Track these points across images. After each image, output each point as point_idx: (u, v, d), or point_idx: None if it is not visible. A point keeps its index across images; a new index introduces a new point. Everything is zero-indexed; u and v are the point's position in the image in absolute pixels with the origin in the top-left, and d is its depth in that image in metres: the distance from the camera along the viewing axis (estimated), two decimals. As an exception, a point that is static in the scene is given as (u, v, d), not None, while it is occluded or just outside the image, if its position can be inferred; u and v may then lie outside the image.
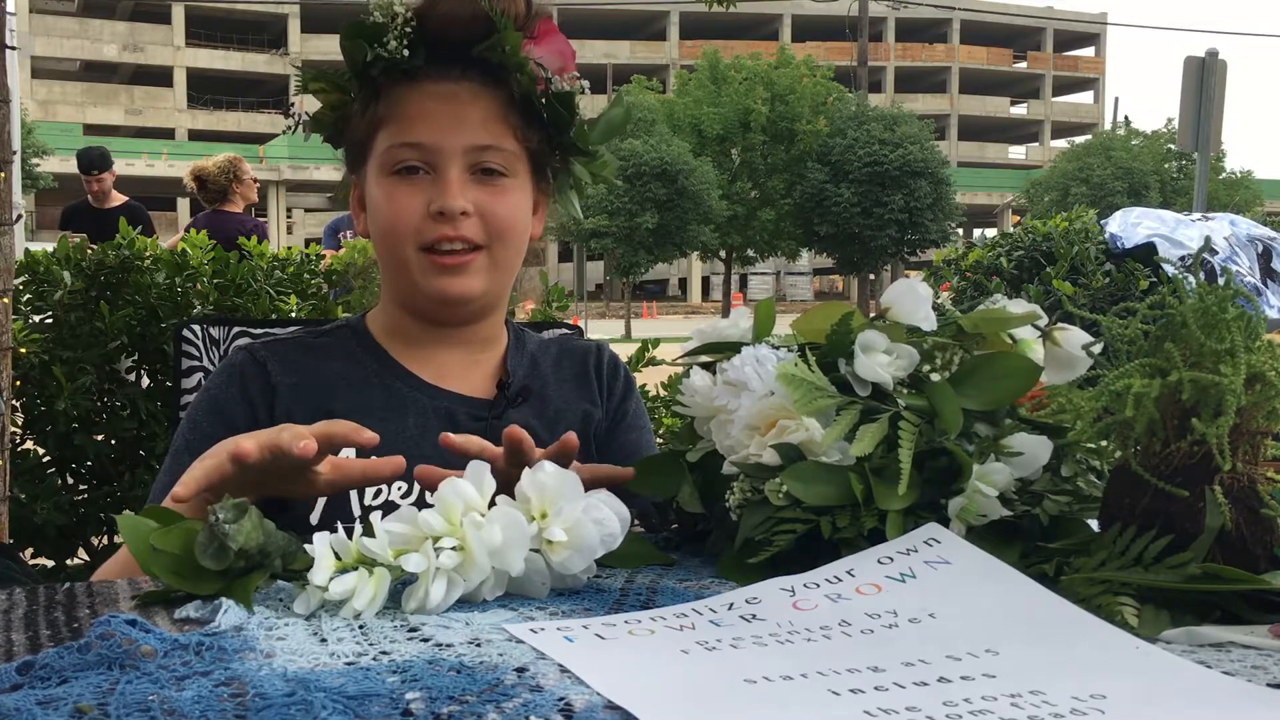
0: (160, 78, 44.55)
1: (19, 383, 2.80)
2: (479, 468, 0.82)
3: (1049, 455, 0.88)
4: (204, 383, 1.27)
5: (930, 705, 0.59)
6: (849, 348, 0.92)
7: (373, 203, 1.19)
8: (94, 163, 6.30)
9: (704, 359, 1.04)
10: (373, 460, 0.98)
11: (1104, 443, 0.86)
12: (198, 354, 1.49)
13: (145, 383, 2.98)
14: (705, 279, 45.24)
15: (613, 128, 1.25)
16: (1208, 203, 8.48)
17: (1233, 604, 0.75)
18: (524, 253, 1.24)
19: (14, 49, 3.04)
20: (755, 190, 30.65)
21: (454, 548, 0.77)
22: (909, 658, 0.66)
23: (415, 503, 1.15)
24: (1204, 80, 8.14)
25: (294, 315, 2.94)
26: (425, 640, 0.71)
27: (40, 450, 2.93)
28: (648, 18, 48.16)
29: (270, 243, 3.50)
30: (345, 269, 3.38)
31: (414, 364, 1.23)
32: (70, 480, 2.92)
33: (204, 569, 0.78)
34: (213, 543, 0.79)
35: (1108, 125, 44.34)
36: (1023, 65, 53.93)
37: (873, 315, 1.01)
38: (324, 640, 0.70)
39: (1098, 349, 0.93)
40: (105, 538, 2.91)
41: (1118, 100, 43.45)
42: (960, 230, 33.21)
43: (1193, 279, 0.80)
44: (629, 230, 27.43)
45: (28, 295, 2.90)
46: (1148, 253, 4.92)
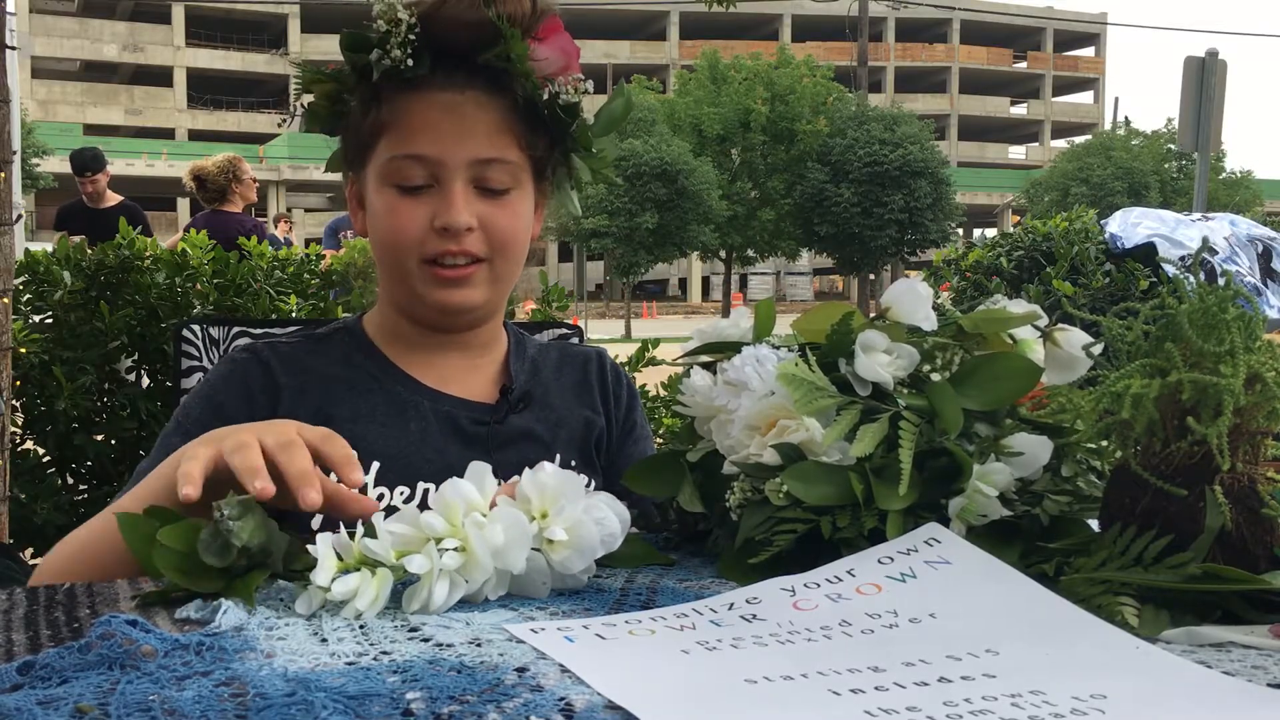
0: (160, 78, 44.55)
1: (19, 383, 2.80)
2: (480, 468, 0.82)
3: (1049, 455, 0.88)
4: (205, 376, 1.26)
5: (930, 705, 0.59)
6: (849, 348, 0.92)
7: (373, 211, 1.18)
8: (87, 164, 6.26)
9: (704, 359, 1.04)
10: (347, 494, 0.90)
11: (1104, 443, 0.86)
12: (198, 354, 1.49)
13: (145, 383, 2.98)
14: (705, 279, 45.24)
15: (614, 120, 1.23)
16: (1208, 203, 8.48)
17: (1233, 604, 0.75)
18: (524, 261, 1.23)
19: (14, 49, 3.04)
20: (755, 190, 30.64)
21: (456, 548, 0.78)
22: (909, 658, 0.66)
23: (418, 507, 1.15)
24: (1204, 80, 8.14)
25: (294, 315, 2.94)
26: (426, 640, 0.71)
27: (40, 450, 2.93)
28: (648, 18, 48.14)
29: (269, 243, 3.50)
30: (345, 269, 3.38)
31: (414, 368, 1.22)
32: (70, 480, 2.92)
33: (206, 566, 0.78)
34: (216, 539, 0.79)
35: (1108, 125, 44.35)
36: (1023, 65, 53.92)
37: (873, 315, 1.01)
38: (324, 640, 0.70)
39: (1098, 349, 0.93)
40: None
41: (1118, 100, 43.48)
42: (960, 230, 33.20)
43: (1193, 279, 0.80)
44: (629, 230, 27.42)
45: (28, 295, 2.90)
46: (1148, 253, 4.92)
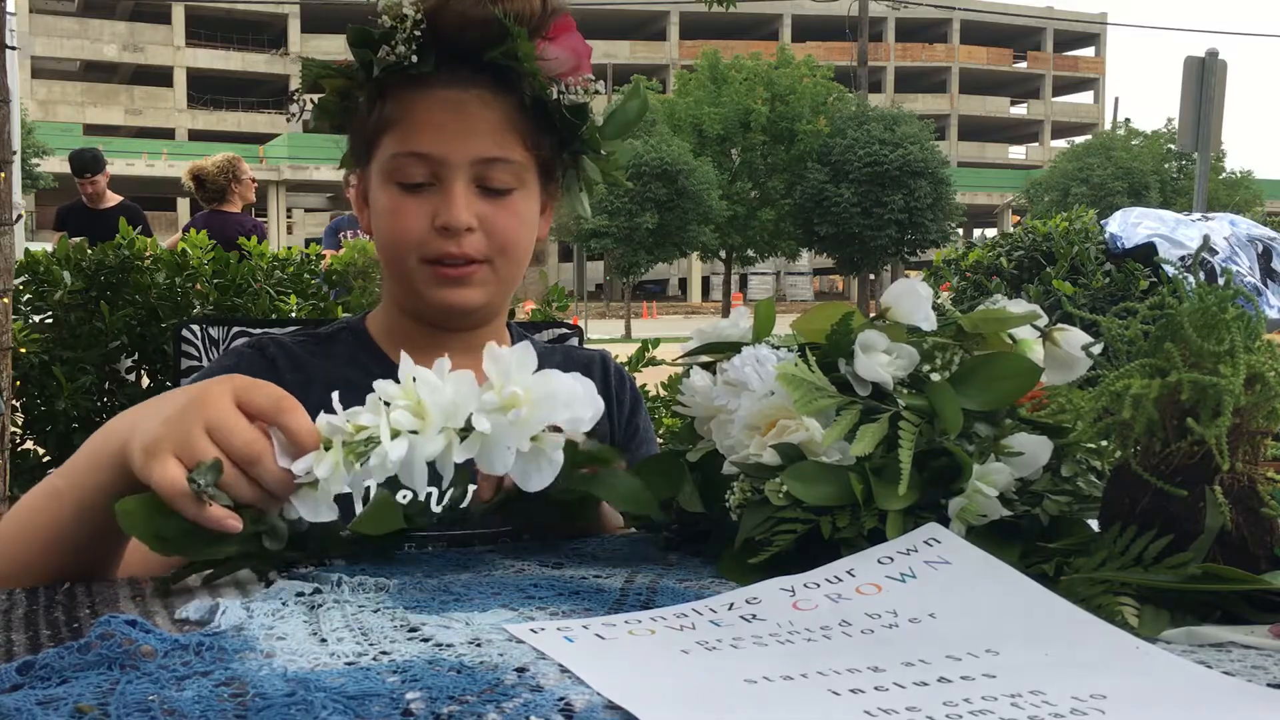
0: (160, 78, 44.55)
1: (19, 383, 2.80)
2: (442, 363, 0.83)
3: (1049, 455, 0.88)
4: (207, 367, 1.26)
5: (930, 705, 0.59)
6: (849, 348, 0.92)
7: (376, 209, 1.18)
8: (87, 165, 6.25)
9: (704, 359, 1.04)
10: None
11: (1104, 443, 0.86)
12: (198, 354, 1.49)
13: (145, 383, 2.98)
14: (705, 279, 45.25)
15: (628, 122, 1.22)
16: (1208, 203, 8.48)
17: (1233, 604, 0.75)
18: (528, 262, 1.23)
19: (14, 49, 3.04)
20: (755, 190, 30.64)
21: (406, 407, 0.79)
22: (909, 658, 0.66)
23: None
24: (1204, 80, 8.14)
25: (294, 315, 2.94)
26: (425, 640, 0.71)
27: (40, 450, 2.93)
28: (648, 18, 48.15)
29: (270, 243, 3.50)
30: (345, 269, 3.38)
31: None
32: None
33: (216, 536, 0.79)
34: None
35: (1108, 125, 44.34)
36: (1023, 65, 53.93)
37: (873, 315, 1.01)
38: (324, 640, 0.70)
39: (1098, 349, 0.93)
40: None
41: (1118, 100, 43.44)
42: (960, 230, 33.20)
43: (1192, 279, 0.80)
44: (629, 230, 27.42)
45: (28, 295, 2.90)
46: (1148, 253, 4.93)
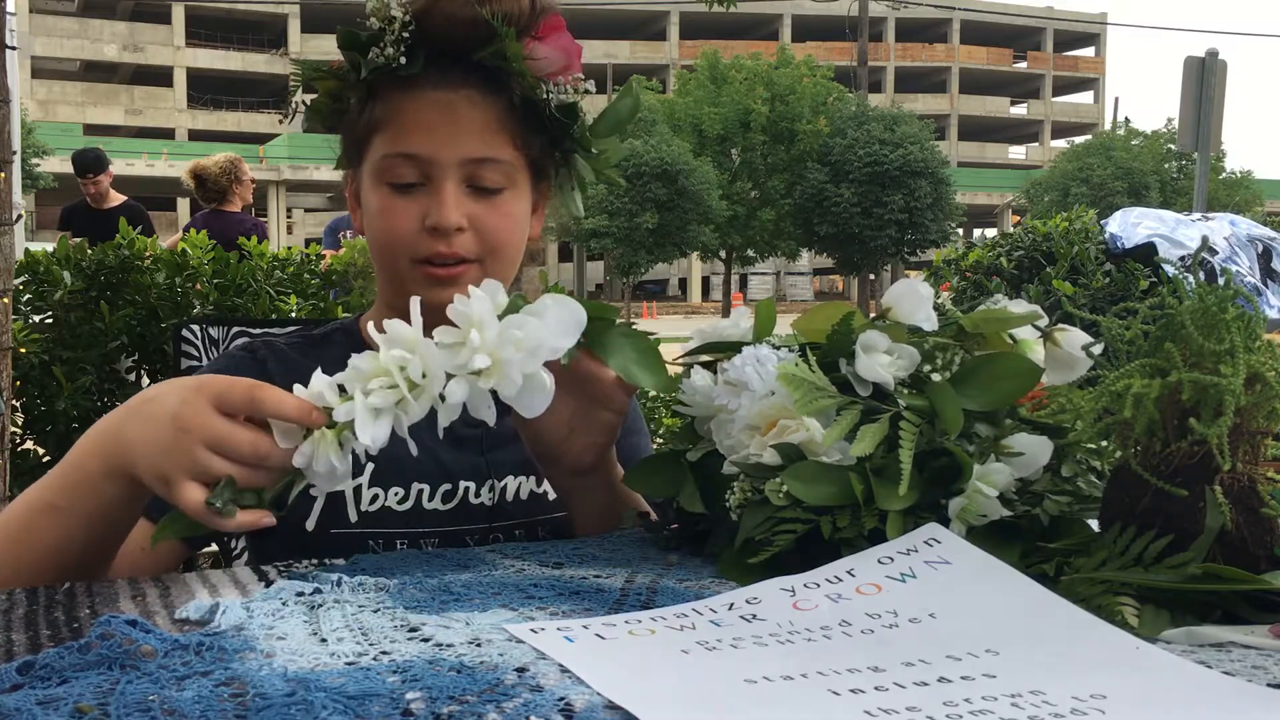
0: (160, 78, 44.53)
1: (19, 383, 2.80)
2: (415, 315, 0.86)
3: (1049, 455, 0.88)
4: (200, 370, 1.26)
5: (930, 705, 0.59)
6: (850, 348, 0.92)
7: (367, 209, 1.18)
8: (90, 165, 6.25)
9: (704, 359, 1.04)
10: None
11: (1104, 443, 0.86)
12: (197, 354, 1.49)
13: (145, 383, 2.98)
14: (705, 279, 45.23)
15: (620, 121, 1.22)
16: (1208, 203, 8.48)
17: (1233, 604, 0.75)
18: (519, 262, 1.22)
19: (14, 49, 3.04)
20: (755, 190, 30.61)
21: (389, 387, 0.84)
22: (909, 658, 0.66)
23: (412, 508, 1.15)
24: (1204, 80, 8.14)
25: (294, 315, 2.94)
26: (425, 640, 0.71)
27: (40, 450, 2.93)
28: (648, 18, 48.14)
29: (270, 243, 3.50)
30: (345, 269, 3.38)
31: None
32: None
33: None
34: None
35: (1108, 125, 44.33)
36: (1023, 65, 53.91)
37: (873, 315, 1.01)
38: (324, 640, 0.70)
39: (1098, 349, 0.93)
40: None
41: (1118, 100, 43.41)
42: (960, 230, 33.18)
43: (1192, 279, 0.80)
44: (629, 230, 27.40)
45: (28, 295, 2.90)
46: (1148, 253, 4.93)
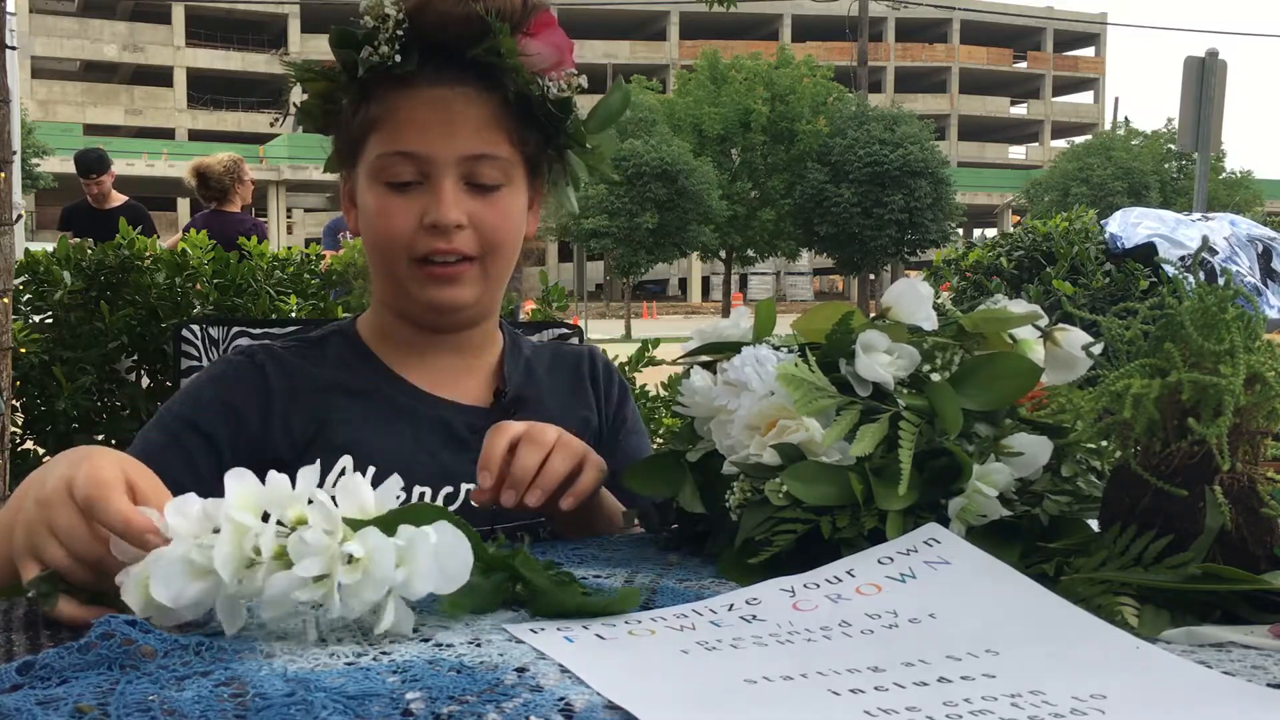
0: (160, 78, 44.51)
1: (19, 383, 2.80)
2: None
3: (1049, 455, 0.88)
4: (196, 375, 1.25)
5: (930, 705, 0.59)
6: (849, 348, 0.92)
7: (364, 209, 1.17)
8: (92, 166, 6.26)
9: (704, 359, 1.04)
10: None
11: (1104, 443, 0.86)
12: (197, 354, 1.49)
13: (145, 383, 2.98)
14: (705, 279, 45.21)
15: (611, 115, 1.22)
16: (1208, 203, 8.48)
17: (1233, 604, 0.75)
18: (516, 259, 1.22)
19: (14, 49, 3.04)
20: (755, 190, 30.60)
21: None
22: (909, 658, 0.66)
23: None
24: (1204, 80, 8.14)
25: (294, 315, 2.94)
26: (425, 640, 0.71)
27: (40, 450, 2.93)
28: (648, 18, 48.12)
29: (270, 243, 3.50)
30: (345, 269, 3.37)
31: (408, 370, 1.21)
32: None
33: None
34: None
35: (1108, 125, 44.30)
36: (1023, 65, 53.89)
37: (873, 315, 1.01)
38: (324, 640, 0.70)
39: (1098, 349, 0.93)
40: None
41: (1118, 100, 43.39)
42: (960, 230, 33.16)
43: (1192, 279, 0.80)
44: (629, 230, 27.39)
45: (28, 295, 2.90)
46: (1148, 253, 4.93)
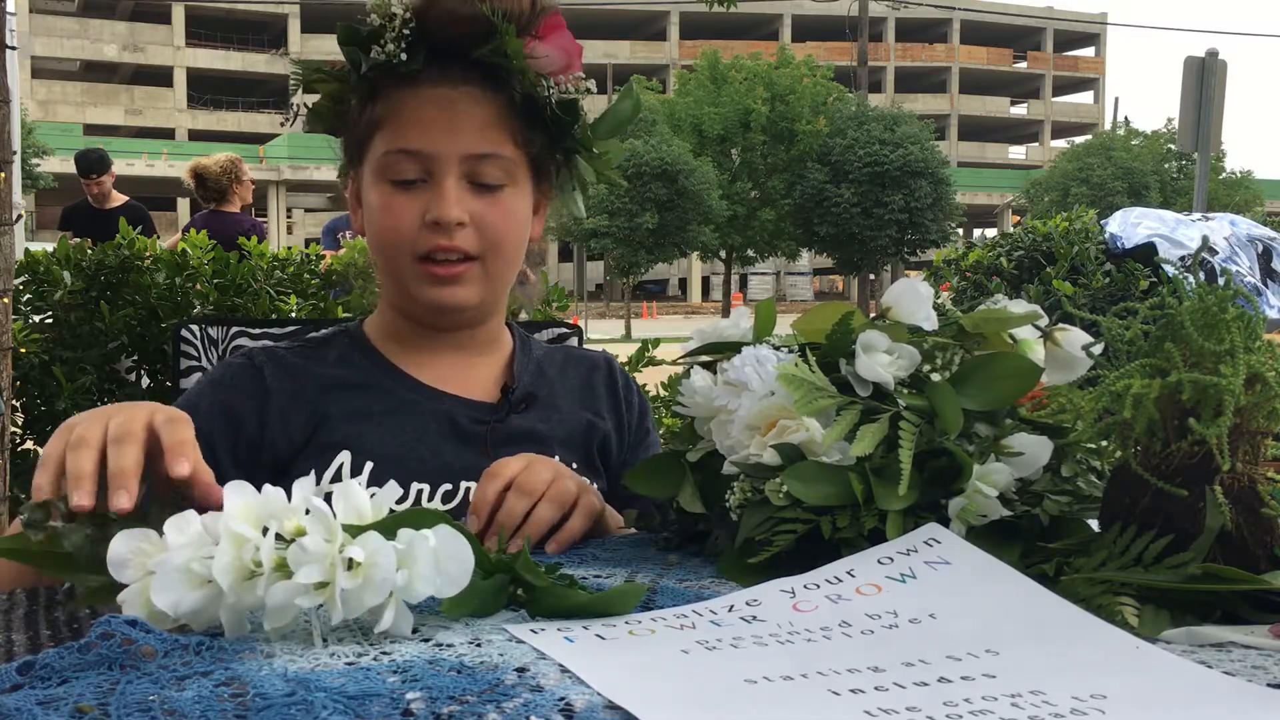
0: (160, 78, 44.50)
1: (19, 383, 2.80)
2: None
3: (1049, 455, 0.88)
4: (199, 380, 1.26)
5: (930, 705, 0.59)
6: (849, 348, 0.92)
7: (369, 207, 1.18)
8: (93, 166, 6.26)
9: (704, 359, 1.04)
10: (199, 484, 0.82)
11: (1104, 443, 0.86)
12: (197, 354, 1.49)
13: (145, 383, 2.98)
14: (705, 279, 45.21)
15: (620, 121, 1.22)
16: (1208, 203, 8.48)
17: (1233, 604, 0.75)
18: (521, 260, 1.23)
19: (14, 49, 3.04)
20: (755, 190, 30.59)
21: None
22: (909, 658, 0.66)
23: (413, 505, 1.15)
24: (1204, 80, 8.14)
25: (294, 315, 2.94)
26: (425, 640, 0.71)
27: (40, 450, 2.92)
28: (648, 18, 48.11)
29: (270, 243, 3.50)
30: (345, 269, 3.37)
31: (412, 367, 1.22)
32: (70, 480, 2.91)
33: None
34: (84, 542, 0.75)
35: (1108, 125, 44.29)
36: (1023, 65, 53.88)
37: (873, 315, 1.01)
38: (324, 640, 0.70)
39: (1098, 349, 0.93)
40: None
41: (1118, 100, 43.37)
42: (960, 230, 33.14)
43: (1192, 279, 0.80)
44: (629, 230, 27.37)
45: (28, 295, 2.90)
46: (1148, 253, 4.92)
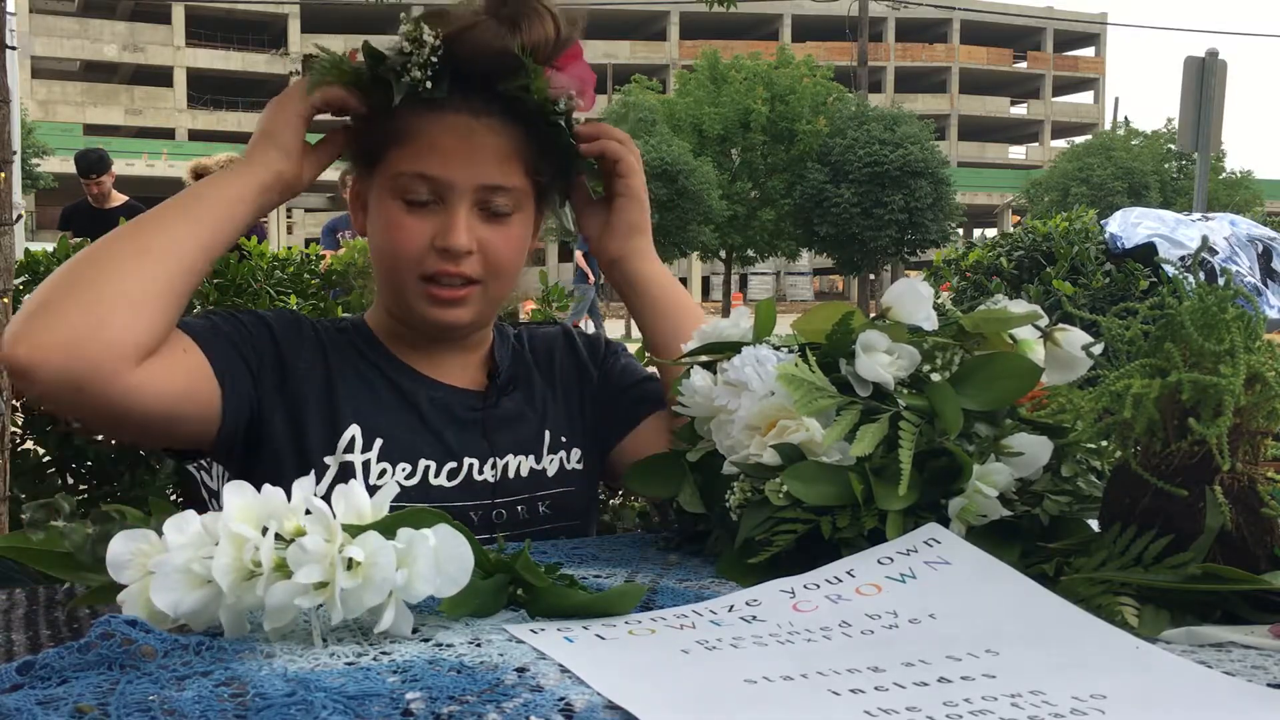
0: (160, 78, 44.49)
1: (19, 383, 2.79)
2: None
3: (1049, 455, 0.88)
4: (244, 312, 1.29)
5: (930, 705, 0.59)
6: (850, 348, 0.92)
7: (376, 220, 1.21)
8: (93, 166, 6.26)
9: (704, 359, 1.04)
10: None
11: (1104, 443, 0.86)
12: (198, 354, 1.49)
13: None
14: (705, 279, 45.19)
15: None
16: (1208, 203, 8.48)
17: (1233, 604, 0.75)
18: (518, 280, 1.27)
19: (14, 49, 3.04)
20: (755, 190, 30.57)
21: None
22: (909, 658, 0.67)
23: (419, 484, 1.18)
24: (1204, 80, 8.14)
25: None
26: (425, 640, 0.71)
27: (40, 450, 2.93)
28: (648, 18, 48.11)
29: (270, 243, 3.50)
30: (345, 269, 3.37)
31: (412, 359, 1.27)
32: (70, 480, 2.92)
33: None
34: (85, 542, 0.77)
35: (1108, 125, 44.26)
36: (1023, 65, 53.86)
37: (873, 315, 1.01)
38: (324, 640, 0.70)
39: (1098, 349, 0.93)
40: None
41: (1118, 100, 43.32)
42: (960, 230, 33.13)
43: (1192, 279, 0.80)
44: (629, 230, 27.32)
45: (28, 295, 2.90)
46: (1148, 253, 4.92)
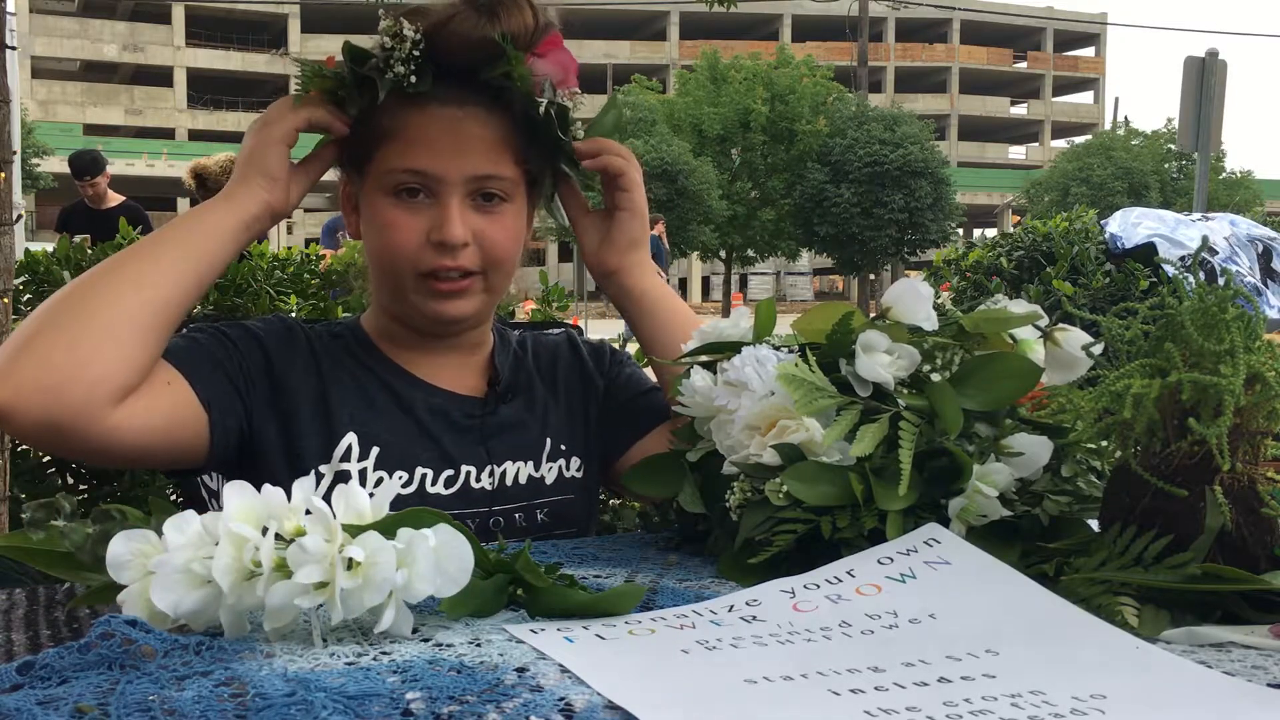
0: (160, 78, 44.50)
1: (19, 383, 2.79)
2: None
3: (1049, 455, 0.88)
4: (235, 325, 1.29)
5: (930, 705, 0.59)
6: (850, 348, 0.92)
7: (370, 220, 1.20)
8: (87, 168, 6.21)
9: (704, 359, 1.04)
10: None
11: (1104, 443, 0.86)
12: (197, 354, 1.49)
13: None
14: (705, 279, 45.19)
15: (604, 132, 1.28)
16: (1208, 203, 8.48)
17: (1233, 604, 0.75)
18: (517, 270, 1.27)
19: (14, 49, 3.04)
20: (755, 190, 30.57)
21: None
22: (909, 658, 0.67)
23: (415, 492, 1.18)
24: (1204, 80, 8.14)
25: (293, 315, 2.94)
26: (425, 640, 0.71)
27: (39, 451, 2.93)
28: (648, 18, 48.11)
29: (270, 243, 3.50)
30: (345, 269, 3.37)
31: (409, 364, 1.26)
32: (70, 480, 2.92)
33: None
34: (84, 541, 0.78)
35: (1108, 125, 44.26)
36: (1023, 65, 53.86)
37: (873, 315, 1.01)
38: (324, 640, 0.70)
39: (1098, 349, 0.93)
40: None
41: (1118, 100, 43.33)
42: (960, 230, 33.12)
43: (1192, 279, 0.80)
44: (629, 230, 27.32)
45: (28, 295, 2.90)
46: (1148, 253, 4.92)
